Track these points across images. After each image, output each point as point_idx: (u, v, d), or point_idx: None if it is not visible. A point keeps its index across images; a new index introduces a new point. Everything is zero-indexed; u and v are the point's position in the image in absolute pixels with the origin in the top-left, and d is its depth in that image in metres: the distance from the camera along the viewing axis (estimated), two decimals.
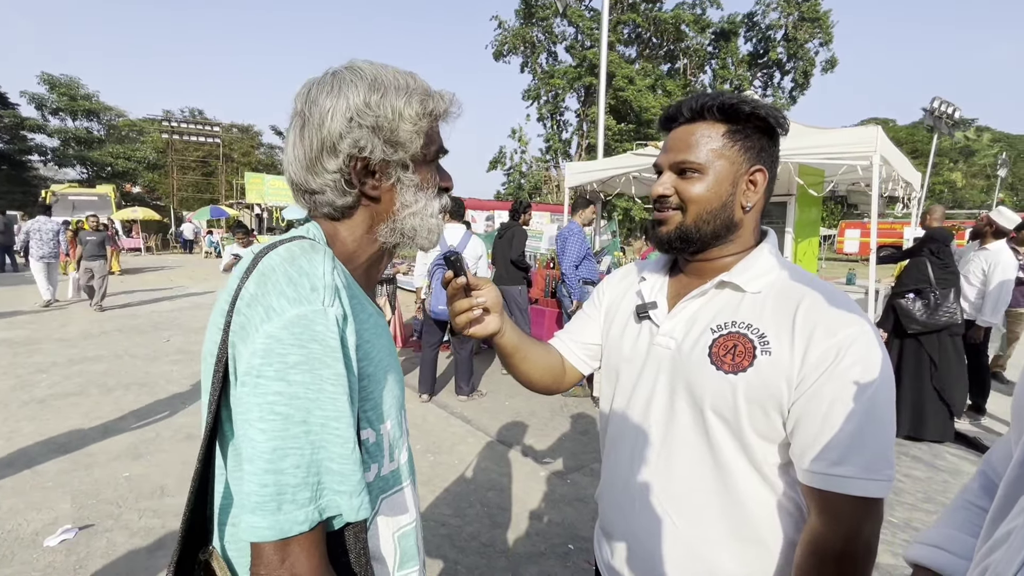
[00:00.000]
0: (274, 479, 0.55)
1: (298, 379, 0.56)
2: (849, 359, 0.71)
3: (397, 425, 0.76)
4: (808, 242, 5.81)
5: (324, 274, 0.61)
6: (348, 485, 0.59)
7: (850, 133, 4.17)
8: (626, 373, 0.94)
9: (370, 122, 0.68)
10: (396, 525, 0.75)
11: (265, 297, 0.58)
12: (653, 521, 0.86)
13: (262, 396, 0.56)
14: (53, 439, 3.64)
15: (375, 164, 0.71)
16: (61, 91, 33.26)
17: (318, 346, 0.57)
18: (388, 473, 0.73)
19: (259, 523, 0.55)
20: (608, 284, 1.08)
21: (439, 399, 4.67)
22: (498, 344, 0.94)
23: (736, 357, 0.78)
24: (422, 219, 0.75)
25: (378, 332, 0.73)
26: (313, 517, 0.57)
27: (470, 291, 0.86)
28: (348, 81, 0.69)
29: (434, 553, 2.48)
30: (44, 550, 2.44)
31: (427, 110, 0.72)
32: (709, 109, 0.82)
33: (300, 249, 0.63)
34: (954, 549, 0.60)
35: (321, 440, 0.57)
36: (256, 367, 0.56)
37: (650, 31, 29.24)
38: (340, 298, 0.62)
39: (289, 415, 0.56)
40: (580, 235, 4.67)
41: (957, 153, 39.02)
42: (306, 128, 0.69)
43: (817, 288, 0.79)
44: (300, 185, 0.72)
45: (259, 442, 0.55)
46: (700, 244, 0.86)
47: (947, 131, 13.49)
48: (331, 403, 0.58)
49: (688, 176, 0.83)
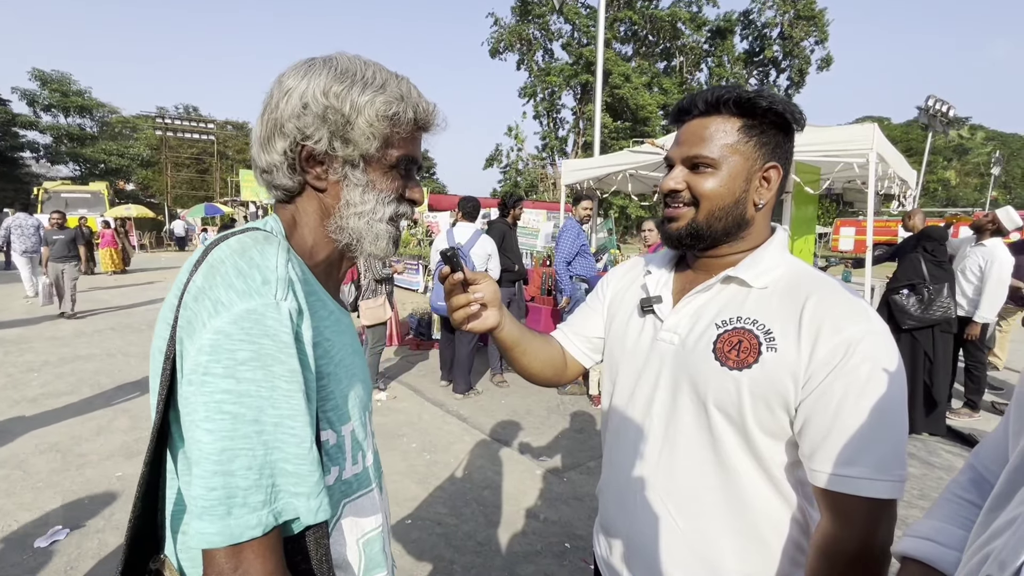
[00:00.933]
0: (223, 482, 0.52)
1: (248, 376, 0.53)
2: (858, 357, 0.70)
3: (361, 426, 0.73)
4: (804, 239, 5.82)
5: (277, 266, 0.58)
6: (305, 486, 0.56)
7: (847, 131, 4.17)
8: (629, 367, 0.92)
9: (320, 110, 0.65)
10: (360, 530, 0.72)
11: (213, 290, 0.56)
12: (654, 518, 0.85)
13: (209, 395, 0.53)
14: (44, 438, 3.61)
15: (320, 154, 0.68)
16: (53, 87, 32.99)
17: (270, 341, 0.55)
18: (351, 476, 0.71)
19: (207, 529, 0.52)
20: (613, 277, 1.07)
21: (435, 397, 4.66)
22: (498, 338, 0.93)
23: (741, 353, 0.77)
24: (368, 222, 0.71)
25: (339, 330, 0.71)
26: (268, 521, 0.54)
27: (467, 286, 0.85)
28: (318, 67, 0.67)
29: (430, 552, 2.47)
30: (35, 551, 2.41)
31: (390, 113, 0.68)
32: (725, 103, 0.79)
33: (252, 240, 0.60)
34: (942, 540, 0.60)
35: (275, 440, 0.54)
36: (203, 364, 0.53)
37: (646, 29, 29.25)
38: (294, 291, 0.59)
39: (239, 414, 0.53)
40: (574, 231, 4.66)
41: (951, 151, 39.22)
42: (267, 107, 0.68)
43: (824, 284, 0.78)
44: (256, 161, 0.71)
45: (206, 443, 0.53)
46: (711, 241, 0.84)
47: (941, 129, 13.56)
48: (285, 401, 0.55)
49: (701, 171, 0.81)
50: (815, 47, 28.60)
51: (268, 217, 0.72)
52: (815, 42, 28.38)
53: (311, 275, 0.69)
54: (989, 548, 0.46)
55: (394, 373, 5.38)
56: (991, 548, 0.45)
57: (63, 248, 7.88)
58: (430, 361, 5.85)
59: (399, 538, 2.57)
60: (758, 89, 0.80)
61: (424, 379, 5.21)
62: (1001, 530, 0.46)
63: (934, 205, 32.45)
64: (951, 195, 37.21)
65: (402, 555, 2.45)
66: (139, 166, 34.51)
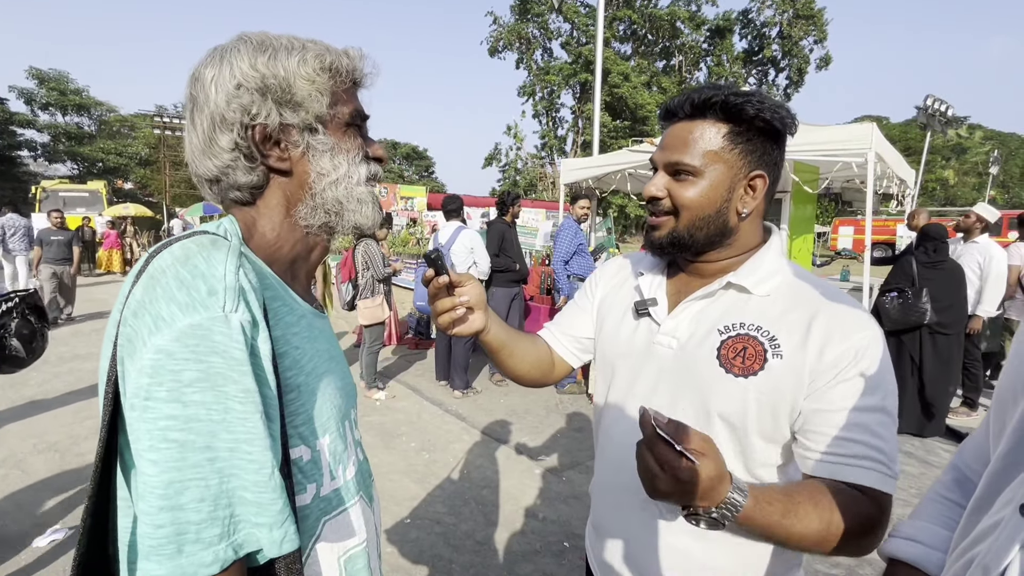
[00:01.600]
0: (171, 517, 0.48)
1: (197, 399, 0.49)
2: (865, 362, 0.72)
3: (339, 438, 0.68)
4: (803, 239, 5.83)
5: (225, 275, 0.53)
6: (267, 516, 0.52)
7: (846, 130, 4.18)
8: (623, 369, 0.92)
9: (256, 84, 0.61)
10: (341, 549, 0.67)
11: (153, 304, 0.50)
12: (646, 517, 0.85)
13: (152, 422, 0.48)
14: (43, 438, 3.60)
15: (273, 130, 0.63)
16: (51, 86, 32.88)
17: (219, 359, 0.50)
18: (330, 492, 0.66)
19: (156, 570, 0.47)
20: (602, 276, 1.05)
21: (434, 397, 4.66)
22: (484, 342, 0.92)
23: (746, 360, 0.76)
24: (346, 188, 0.66)
25: (311, 336, 0.66)
26: (226, 556, 0.50)
27: (452, 289, 0.83)
28: (232, 49, 0.62)
29: (429, 551, 2.47)
30: (33, 550, 2.41)
31: (326, 64, 0.64)
32: (712, 107, 0.77)
33: (197, 246, 0.55)
34: (927, 541, 0.60)
35: (231, 467, 0.50)
36: (144, 387, 0.48)
37: (645, 28, 29.25)
38: (247, 301, 0.54)
39: (187, 441, 0.48)
40: (572, 230, 4.66)
41: (949, 151, 39.27)
42: (195, 109, 0.63)
43: (828, 293, 0.79)
44: (201, 174, 0.65)
45: (150, 475, 0.48)
46: (695, 249, 0.83)
47: (940, 129, 13.58)
48: (240, 424, 0.50)
49: (682, 178, 0.80)
50: (814, 46, 28.63)
51: (223, 218, 0.66)
52: (814, 41, 28.40)
53: (274, 279, 0.65)
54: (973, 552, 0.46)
55: (393, 372, 5.38)
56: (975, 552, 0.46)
57: (61, 250, 7.44)
58: (429, 360, 5.85)
59: (398, 537, 2.58)
60: (747, 92, 0.77)
61: (423, 378, 5.21)
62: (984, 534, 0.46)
63: (932, 204, 32.49)
64: (949, 194, 37.25)
65: (401, 554, 2.45)
66: (137, 165, 34.40)
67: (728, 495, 0.63)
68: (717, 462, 0.62)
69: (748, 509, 0.64)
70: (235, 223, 0.65)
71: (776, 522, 0.66)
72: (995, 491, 0.48)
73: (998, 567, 0.42)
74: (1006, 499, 0.46)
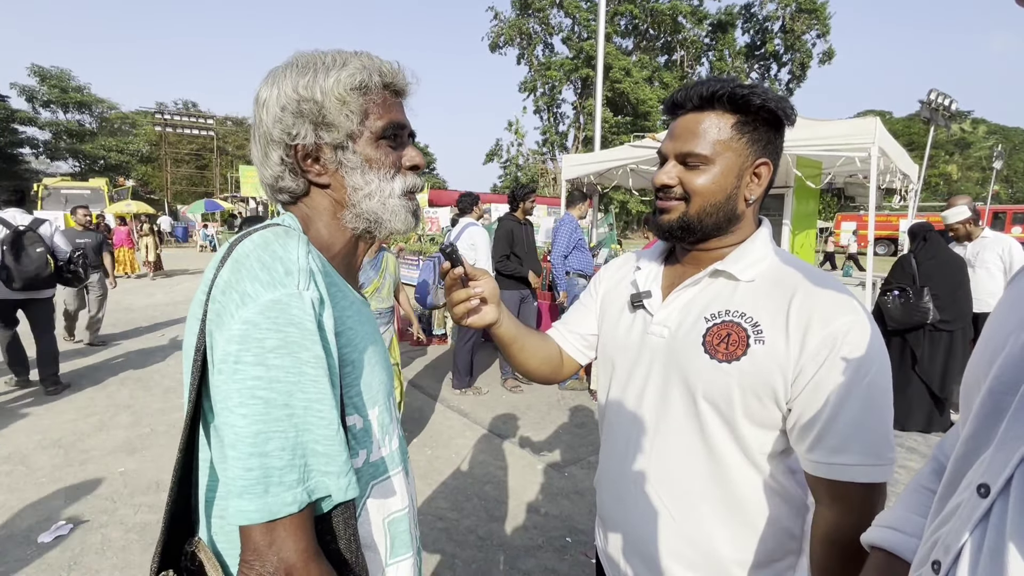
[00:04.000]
0: (259, 462, 0.55)
1: (277, 363, 0.56)
2: (847, 348, 0.73)
3: (386, 411, 0.75)
4: (805, 234, 5.81)
5: (298, 258, 0.60)
6: (335, 465, 0.59)
7: (849, 125, 4.16)
8: (621, 362, 0.94)
9: (294, 108, 0.68)
10: (386, 511, 0.74)
11: (239, 283, 0.58)
12: (648, 508, 0.87)
13: (241, 382, 0.55)
14: (47, 434, 3.62)
15: (312, 148, 0.70)
16: (52, 83, 32.92)
17: (295, 329, 0.57)
18: (378, 459, 0.73)
19: (247, 507, 0.54)
20: (605, 273, 1.08)
21: (436, 393, 4.67)
22: (495, 334, 0.94)
23: (730, 346, 0.78)
24: (381, 202, 0.73)
25: (361, 319, 0.73)
26: (302, 498, 0.57)
27: (467, 281, 0.85)
28: (282, 71, 0.70)
29: (431, 547, 2.48)
30: (38, 546, 2.42)
31: (356, 83, 0.69)
32: (720, 99, 0.80)
33: (274, 235, 0.62)
34: (906, 529, 0.62)
35: (305, 423, 0.57)
36: (233, 353, 0.56)
37: (647, 23, 29.11)
38: (316, 282, 0.61)
39: (271, 399, 0.56)
40: (571, 226, 4.65)
41: (953, 146, 39.12)
42: (256, 126, 0.72)
43: (810, 276, 0.80)
44: (263, 179, 0.74)
45: (241, 427, 0.55)
46: (702, 234, 0.85)
47: (943, 123, 13.50)
48: (312, 385, 0.57)
49: (693, 167, 0.82)
50: (816, 41, 28.47)
51: (284, 215, 0.74)
52: (816, 36, 28.23)
53: (330, 267, 0.71)
54: (938, 534, 0.49)
55: None
56: (939, 534, 0.48)
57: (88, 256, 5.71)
58: (431, 357, 5.87)
59: None
60: (751, 85, 0.80)
61: (425, 375, 5.22)
62: (949, 516, 0.48)
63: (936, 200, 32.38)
64: (953, 189, 37.12)
65: None
66: (139, 162, 34.46)
67: None
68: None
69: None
70: (295, 219, 0.72)
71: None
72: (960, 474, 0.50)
73: (957, 545, 0.45)
74: (968, 481, 0.47)
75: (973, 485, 0.46)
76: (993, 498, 0.43)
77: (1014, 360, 0.47)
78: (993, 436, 0.46)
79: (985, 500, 0.44)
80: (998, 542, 0.42)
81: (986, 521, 0.43)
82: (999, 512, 0.42)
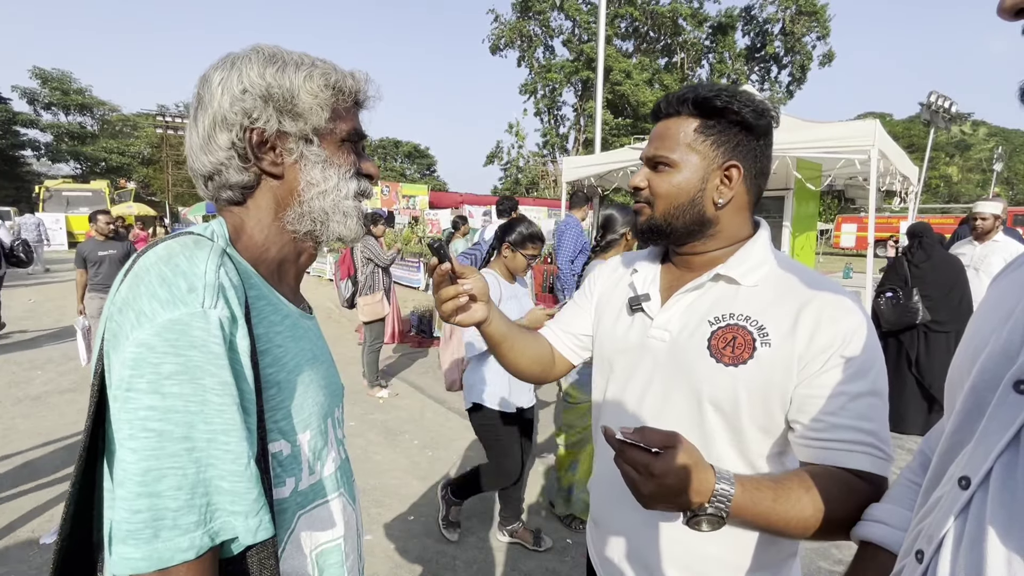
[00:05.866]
0: (148, 503, 0.49)
1: (175, 391, 0.51)
2: (853, 346, 0.74)
3: (320, 435, 0.70)
4: (806, 236, 5.82)
5: (205, 272, 0.55)
6: (243, 504, 0.53)
7: (848, 127, 4.17)
8: (619, 365, 0.94)
9: (261, 91, 0.64)
10: (314, 543, 0.68)
11: (136, 301, 0.53)
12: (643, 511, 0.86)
13: (132, 412, 0.50)
14: (49, 436, 3.62)
15: (270, 136, 0.66)
16: (53, 85, 33.02)
17: (197, 353, 0.52)
18: (307, 487, 0.68)
19: (132, 554, 0.49)
20: (600, 275, 1.07)
21: (436, 394, 4.67)
22: (485, 333, 0.93)
23: (736, 349, 0.78)
24: (333, 200, 0.69)
25: (295, 336, 0.68)
26: (201, 543, 0.51)
27: (456, 278, 0.84)
28: (244, 58, 0.66)
29: (432, 548, 2.49)
30: (40, 547, 2.42)
31: (331, 82, 0.67)
32: (684, 103, 0.82)
33: (180, 246, 0.58)
34: (893, 522, 0.63)
35: (208, 457, 0.52)
36: (126, 379, 0.51)
37: (647, 25, 29.15)
38: (226, 298, 0.56)
39: (166, 431, 0.50)
40: (577, 229, 4.66)
41: (953, 147, 39.14)
42: (200, 108, 0.66)
43: (814, 281, 0.80)
44: (198, 170, 0.68)
45: (129, 463, 0.50)
46: (675, 238, 0.87)
47: (944, 125, 13.51)
48: (217, 415, 0.52)
49: (660, 170, 0.84)
50: (817, 43, 28.44)
51: (213, 221, 0.69)
52: (817, 38, 28.22)
53: (259, 279, 0.66)
54: (922, 525, 0.50)
55: (396, 370, 5.39)
56: (923, 525, 0.50)
57: (114, 269, 4.51)
58: (431, 358, 5.87)
59: (401, 534, 2.59)
60: (719, 87, 0.81)
61: (425, 376, 5.23)
62: (931, 508, 0.50)
63: (936, 201, 32.38)
64: (953, 191, 37.12)
65: (404, 551, 2.46)
66: (140, 164, 34.52)
67: (717, 487, 0.66)
68: (687, 450, 0.64)
69: (738, 498, 0.66)
70: (223, 225, 0.68)
71: (769, 508, 0.68)
72: (944, 468, 0.51)
73: (939, 535, 0.46)
74: (951, 474, 0.49)
75: (955, 478, 0.47)
76: (973, 490, 0.45)
77: (995, 358, 0.48)
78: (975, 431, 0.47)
79: (966, 492, 0.45)
80: (978, 532, 0.43)
81: (967, 512, 0.45)
82: (979, 503, 0.44)
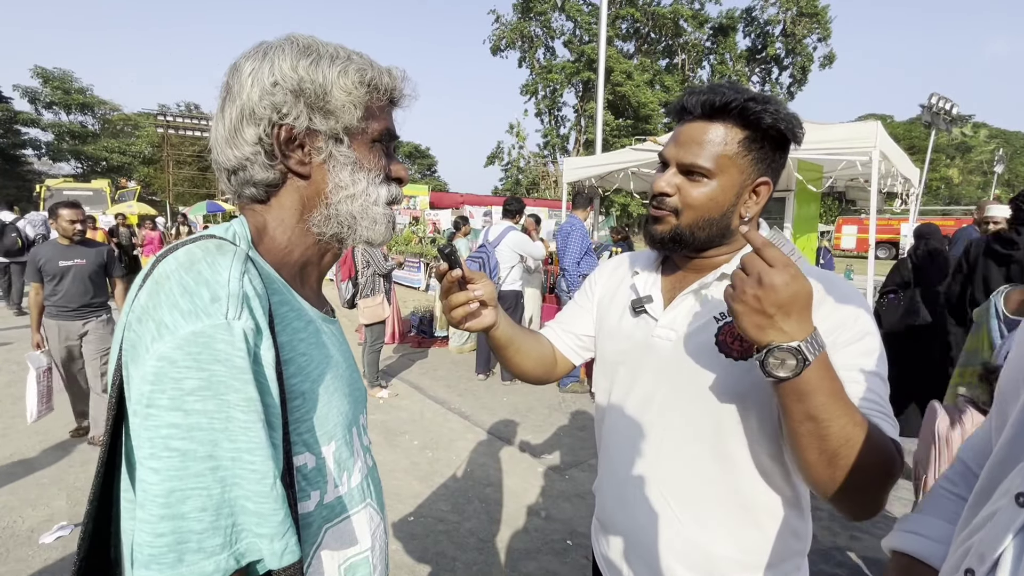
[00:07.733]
0: (172, 526, 0.47)
1: (199, 408, 0.48)
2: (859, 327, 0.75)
3: (345, 445, 0.67)
4: (807, 238, 5.82)
5: (229, 281, 0.52)
6: (269, 527, 0.51)
7: (850, 128, 4.17)
8: (624, 366, 0.93)
9: (293, 85, 0.61)
10: (342, 557, 0.66)
11: (156, 311, 0.50)
12: (653, 511, 0.86)
13: (154, 430, 0.48)
14: (48, 435, 3.62)
15: (300, 133, 0.63)
16: (54, 85, 33.03)
17: (222, 367, 0.49)
18: (333, 500, 0.65)
19: None
20: (600, 275, 1.06)
21: (437, 395, 4.67)
22: (492, 337, 0.93)
23: (744, 343, 0.77)
24: (362, 205, 0.66)
25: (319, 342, 0.65)
26: (228, 566, 0.49)
27: (465, 284, 0.84)
28: (277, 48, 0.63)
29: (432, 549, 2.48)
30: (40, 547, 2.42)
31: (365, 79, 0.64)
32: (730, 111, 0.77)
33: (202, 251, 0.54)
34: (930, 534, 0.61)
35: (233, 476, 0.49)
36: (147, 395, 0.48)
37: (648, 26, 29.17)
38: (251, 308, 0.53)
39: (189, 450, 0.48)
40: (582, 231, 4.65)
41: (954, 149, 39.11)
42: (228, 98, 0.63)
43: (815, 273, 0.80)
44: (222, 163, 0.64)
45: (152, 484, 0.47)
46: (694, 247, 0.85)
47: (944, 127, 13.49)
48: (243, 433, 0.50)
49: (694, 179, 0.80)
50: (818, 44, 28.46)
51: (233, 220, 0.65)
52: (818, 39, 28.23)
53: (282, 284, 0.64)
54: (971, 542, 0.48)
55: (396, 371, 5.39)
56: (972, 542, 0.47)
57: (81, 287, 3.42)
58: (431, 359, 5.87)
59: (402, 535, 2.59)
60: (764, 98, 0.77)
61: (425, 377, 5.23)
62: (982, 524, 0.47)
63: (937, 203, 32.36)
64: (954, 193, 37.12)
65: (404, 552, 2.46)
66: (141, 163, 34.54)
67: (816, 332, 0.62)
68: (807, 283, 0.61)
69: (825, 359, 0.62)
70: (245, 225, 0.65)
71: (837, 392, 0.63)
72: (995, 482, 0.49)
73: (993, 554, 0.43)
74: (1004, 489, 0.47)
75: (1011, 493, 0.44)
76: None
77: None
78: None
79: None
80: None
81: None
82: None
